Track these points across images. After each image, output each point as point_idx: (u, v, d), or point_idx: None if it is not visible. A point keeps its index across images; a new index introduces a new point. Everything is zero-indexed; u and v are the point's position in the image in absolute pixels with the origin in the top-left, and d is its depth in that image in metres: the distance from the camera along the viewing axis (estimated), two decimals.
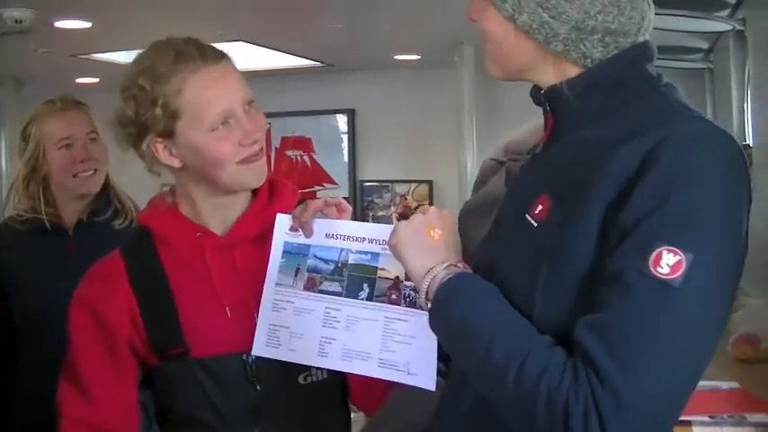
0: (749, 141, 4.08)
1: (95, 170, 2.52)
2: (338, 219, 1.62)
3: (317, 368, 1.64)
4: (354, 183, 7.27)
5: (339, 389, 1.72)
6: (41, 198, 2.51)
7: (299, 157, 7.65)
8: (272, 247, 1.63)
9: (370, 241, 1.57)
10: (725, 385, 2.46)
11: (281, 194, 1.72)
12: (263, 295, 1.61)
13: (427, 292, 1.32)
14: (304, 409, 1.63)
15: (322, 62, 6.70)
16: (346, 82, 6.95)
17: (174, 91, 1.57)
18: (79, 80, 7.21)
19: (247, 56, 5.66)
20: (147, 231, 1.72)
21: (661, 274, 1.10)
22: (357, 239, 1.58)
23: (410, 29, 5.74)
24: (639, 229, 1.13)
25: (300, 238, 1.62)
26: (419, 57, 6.77)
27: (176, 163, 1.63)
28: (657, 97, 1.30)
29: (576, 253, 1.20)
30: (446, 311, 1.29)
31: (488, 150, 5.86)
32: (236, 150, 1.59)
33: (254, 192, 1.73)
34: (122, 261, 1.71)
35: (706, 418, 2.16)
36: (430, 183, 7.16)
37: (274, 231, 1.64)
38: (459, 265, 1.34)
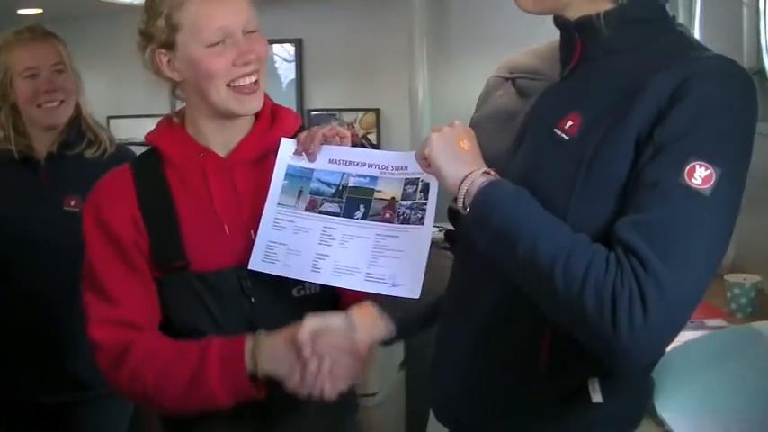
0: None
1: (61, 101, 2.56)
2: (340, 145, 1.72)
3: (310, 282, 1.73)
4: (302, 111, 7.29)
5: (330, 303, 1.78)
6: (11, 127, 2.54)
7: None
8: (276, 170, 1.73)
9: (370, 166, 1.68)
10: None
11: (282, 120, 1.81)
12: (264, 214, 1.71)
13: (465, 199, 1.40)
14: (296, 321, 1.66)
15: None
16: (294, 11, 6.92)
17: (177, 4, 1.67)
18: (21, 11, 6.91)
19: None
20: (154, 150, 1.79)
21: (695, 184, 1.25)
22: (358, 164, 1.69)
23: None
24: (676, 145, 1.28)
25: (304, 162, 1.72)
26: None
27: (176, 76, 1.73)
28: (676, 36, 1.45)
29: (614, 164, 1.34)
30: (488, 215, 1.37)
31: (439, 78, 5.93)
32: (227, 68, 1.68)
33: (257, 115, 1.81)
34: (131, 174, 1.78)
35: None
36: (377, 111, 7.20)
37: (278, 155, 1.73)
38: (491, 172, 1.43)
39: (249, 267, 1.70)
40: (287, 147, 1.75)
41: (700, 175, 1.26)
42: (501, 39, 1.48)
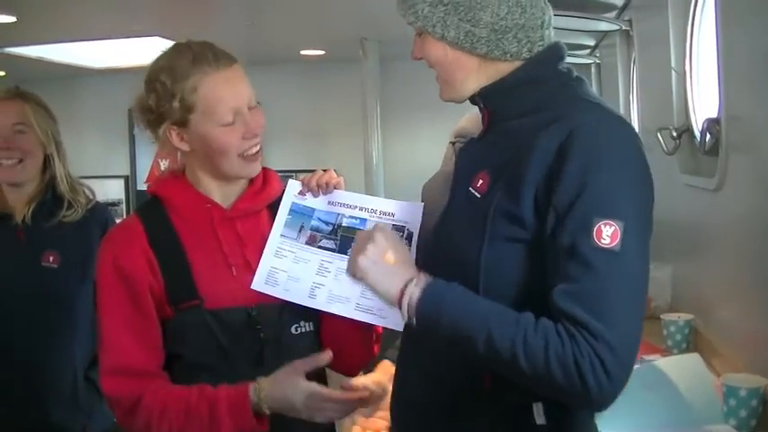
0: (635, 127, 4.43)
1: (20, 160, 2.52)
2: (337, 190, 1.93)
3: (305, 321, 1.90)
4: None
5: (319, 343, 1.95)
6: None
7: None
8: (281, 206, 1.92)
9: (361, 209, 1.89)
10: None
11: (272, 180, 1.98)
12: (269, 242, 1.89)
13: (408, 312, 1.49)
14: (296, 356, 1.80)
15: None
16: (252, 76, 7.06)
17: (191, 88, 1.79)
18: None
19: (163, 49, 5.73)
20: (157, 199, 1.93)
21: (605, 244, 1.37)
22: (351, 207, 1.90)
23: (315, 25, 5.91)
24: (576, 208, 1.40)
25: (307, 201, 1.92)
26: (324, 52, 6.92)
27: (186, 147, 1.85)
28: (568, 91, 1.57)
29: (515, 218, 1.47)
30: (435, 322, 1.46)
31: (391, 139, 6.10)
32: (239, 143, 1.82)
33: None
34: (140, 223, 1.89)
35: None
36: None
37: (285, 193, 1.93)
38: (421, 275, 1.51)
39: (252, 286, 1.86)
40: (293, 187, 1.94)
41: (607, 234, 1.37)
42: (446, 104, 1.66)
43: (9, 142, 2.51)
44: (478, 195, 1.55)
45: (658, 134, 3.19)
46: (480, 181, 1.56)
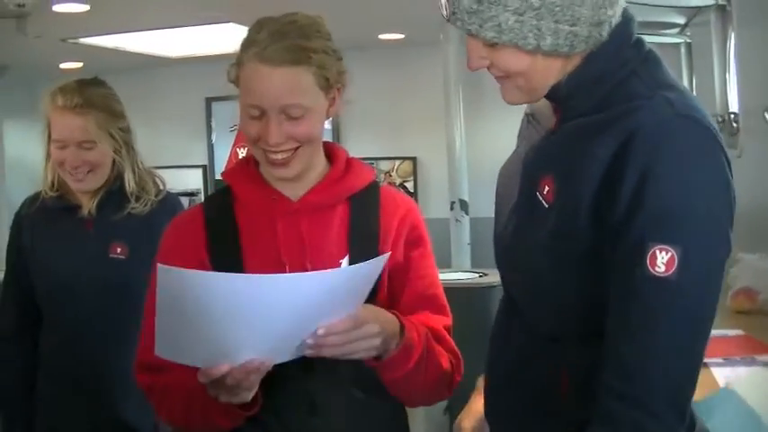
0: (735, 109, 4.23)
1: (89, 171, 2.49)
2: None
3: None
4: None
5: None
6: (57, 177, 2.55)
7: None
8: None
9: None
10: (731, 333, 2.68)
11: (354, 174, 1.82)
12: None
13: None
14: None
15: None
16: None
17: (240, 62, 1.70)
18: (63, 65, 7.15)
19: (238, 37, 5.69)
20: (228, 188, 1.85)
21: (659, 272, 1.26)
22: None
23: (394, 8, 5.80)
24: (628, 231, 1.28)
25: None
26: (403, 36, 6.83)
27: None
28: (633, 81, 1.39)
29: (576, 232, 1.36)
30: None
31: (475, 125, 5.98)
32: (254, 139, 1.71)
33: (331, 163, 1.84)
34: (202, 213, 1.84)
35: (720, 360, 2.34)
36: (414, 159, 7.26)
37: None
38: None
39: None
40: None
41: (662, 261, 1.26)
42: None
43: (78, 159, 2.47)
44: (546, 205, 1.43)
45: (765, 114, 2.98)
46: (546, 188, 1.43)
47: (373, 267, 1.55)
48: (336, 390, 1.75)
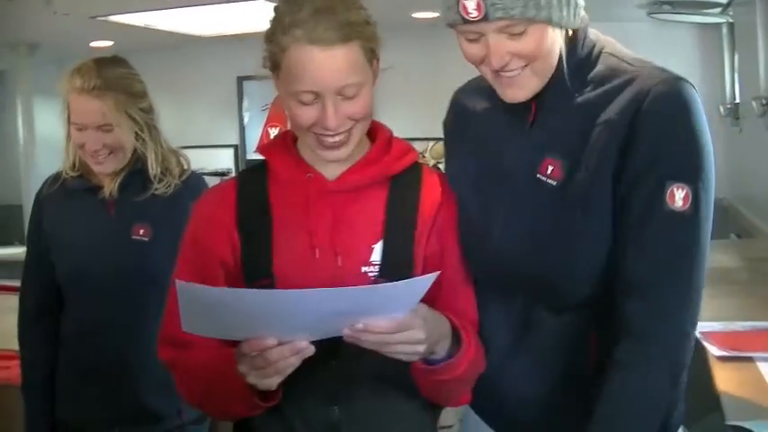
0: None
1: (110, 152, 2.44)
2: None
3: None
4: None
5: None
6: (78, 158, 2.52)
7: None
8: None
9: None
10: None
11: (395, 155, 1.76)
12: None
13: None
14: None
15: None
16: None
17: (283, 46, 1.60)
18: (93, 44, 7.11)
19: (269, 15, 5.64)
20: (264, 162, 1.79)
21: (677, 207, 1.47)
22: None
23: None
24: (648, 175, 1.48)
25: None
26: (438, 14, 6.69)
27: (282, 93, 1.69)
28: (611, 60, 1.58)
29: (604, 201, 1.52)
30: None
31: None
32: (309, 125, 1.63)
33: (373, 141, 1.78)
34: (234, 188, 1.78)
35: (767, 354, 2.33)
36: None
37: None
38: None
39: None
40: None
41: (679, 197, 1.47)
42: None
43: (97, 142, 2.42)
44: (553, 183, 1.57)
45: None
46: (550, 167, 1.57)
47: (416, 285, 1.49)
48: (358, 380, 1.69)
